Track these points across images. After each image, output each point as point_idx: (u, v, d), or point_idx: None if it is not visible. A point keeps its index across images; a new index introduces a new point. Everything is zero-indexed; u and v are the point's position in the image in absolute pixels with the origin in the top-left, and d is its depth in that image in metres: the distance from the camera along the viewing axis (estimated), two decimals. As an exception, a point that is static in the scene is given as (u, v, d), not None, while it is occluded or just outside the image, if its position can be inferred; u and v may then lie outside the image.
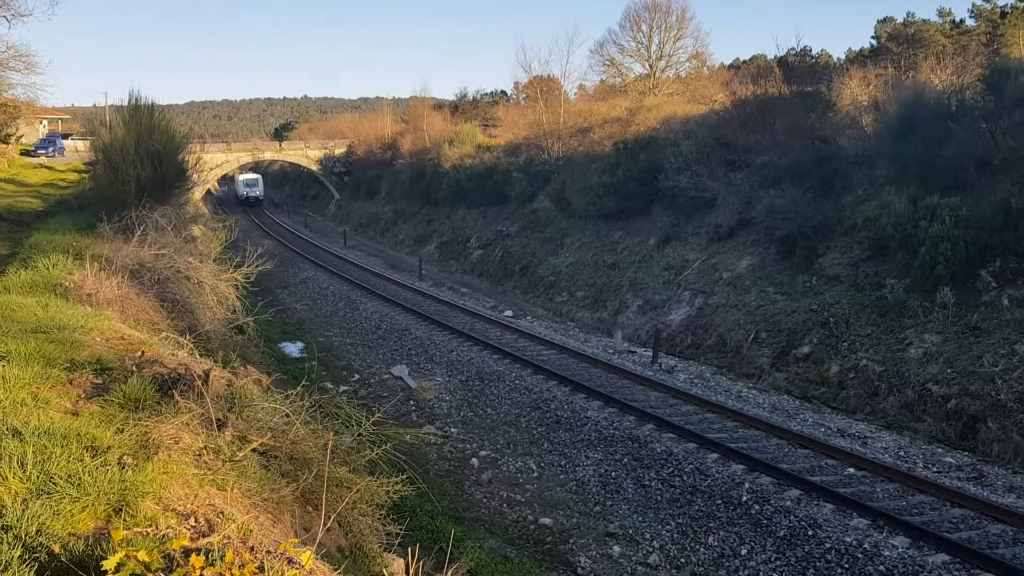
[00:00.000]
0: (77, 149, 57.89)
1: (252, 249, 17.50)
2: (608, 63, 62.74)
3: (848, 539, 11.61)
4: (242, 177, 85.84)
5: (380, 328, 26.73)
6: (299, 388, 7.71)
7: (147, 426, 5.90)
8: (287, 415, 6.98)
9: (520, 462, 15.49)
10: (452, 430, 17.27)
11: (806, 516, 12.34)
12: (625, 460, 15.06)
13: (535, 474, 14.99)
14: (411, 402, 19.16)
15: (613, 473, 14.66)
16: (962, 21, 64.28)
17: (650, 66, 60.46)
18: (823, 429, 16.79)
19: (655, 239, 32.21)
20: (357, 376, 21.53)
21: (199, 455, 5.79)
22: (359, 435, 7.20)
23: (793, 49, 58.84)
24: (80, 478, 5.04)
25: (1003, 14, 60.08)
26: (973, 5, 63.94)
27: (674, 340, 25.67)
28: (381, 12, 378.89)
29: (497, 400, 18.92)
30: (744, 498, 13.13)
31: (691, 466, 14.43)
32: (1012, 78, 24.00)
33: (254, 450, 6.11)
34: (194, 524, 4.86)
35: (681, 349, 25.11)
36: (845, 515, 12.30)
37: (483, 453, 15.96)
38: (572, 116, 48.55)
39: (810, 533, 11.91)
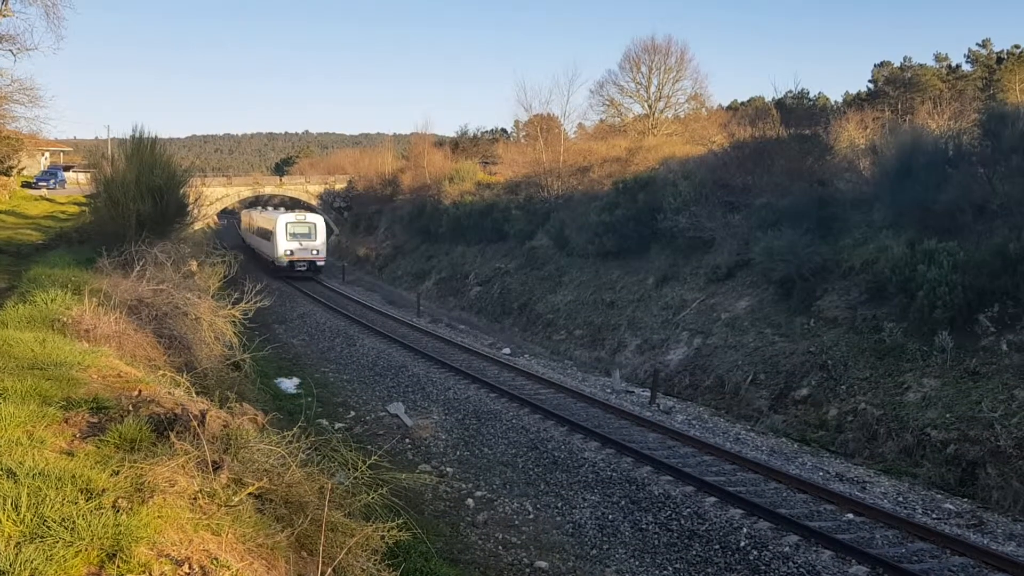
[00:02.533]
0: (78, 182, 58.16)
1: (250, 285, 17.50)
2: (608, 103, 63.39)
3: (847, 587, 11.48)
4: (284, 219, 48.86)
5: (377, 365, 26.65)
6: (295, 428, 7.66)
7: (143, 468, 5.86)
8: (283, 457, 6.93)
9: (516, 503, 15.36)
10: (448, 470, 17.14)
11: (805, 562, 12.22)
12: (622, 503, 14.93)
13: (531, 516, 14.85)
14: (407, 440, 19.03)
15: (610, 516, 14.52)
16: (958, 66, 65.12)
17: (649, 107, 61.05)
18: (821, 473, 16.68)
19: (653, 278, 32.26)
20: (353, 413, 21.41)
21: (194, 499, 5.74)
22: (355, 478, 7.15)
23: (791, 92, 59.44)
24: (74, 522, 4.99)
25: (999, 60, 60.87)
26: (969, 51, 64.84)
27: (672, 380, 25.60)
28: (383, 48, 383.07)
29: (494, 439, 18.80)
30: (743, 543, 13.00)
31: (689, 510, 14.31)
32: (1009, 124, 24.23)
33: (249, 494, 6.06)
34: (188, 571, 4.81)
35: (679, 389, 25.03)
36: (844, 562, 12.18)
37: (479, 494, 15.82)
38: (572, 155, 48.93)
39: (809, 580, 11.78)
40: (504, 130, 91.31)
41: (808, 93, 68.46)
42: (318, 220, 51.78)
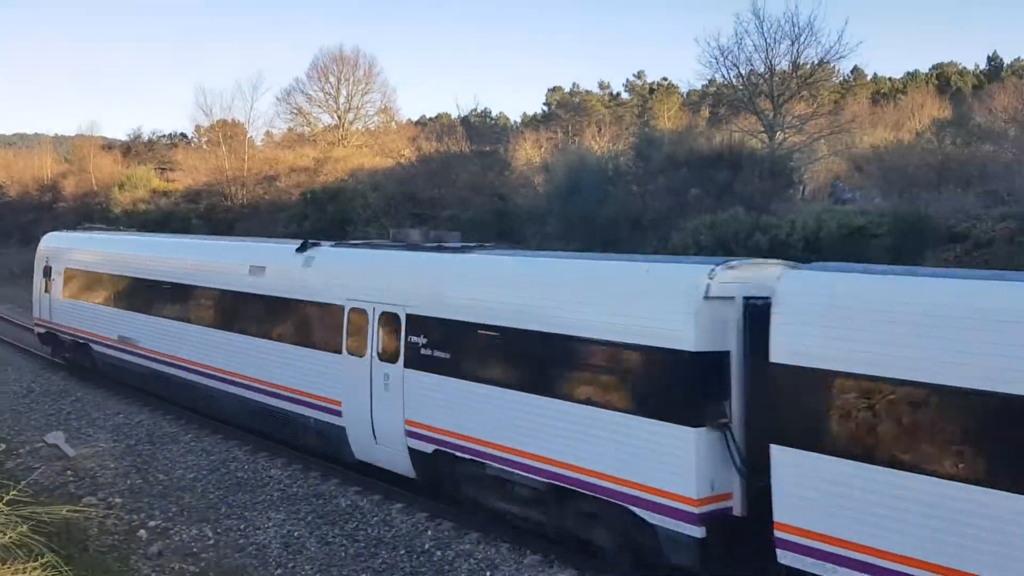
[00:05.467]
0: None
1: None
2: (296, 112, 62.22)
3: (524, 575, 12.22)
4: None
5: (33, 391, 23.95)
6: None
7: None
8: None
9: (195, 530, 14.51)
10: (117, 500, 15.77)
11: (484, 558, 12.79)
12: (309, 518, 14.70)
13: (211, 541, 14.10)
14: (69, 472, 17.27)
15: (296, 533, 14.21)
16: (619, 94, 72.17)
17: (339, 117, 60.84)
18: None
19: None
20: (4, 446, 19.00)
21: None
22: (-10, 517, 6.34)
23: (475, 110, 62.42)
24: None
25: (651, 90, 68.36)
26: (627, 80, 72.12)
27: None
28: (44, 38, 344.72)
29: (170, 465, 17.66)
30: (427, 545, 13.34)
31: (377, 518, 14.42)
32: (657, 148, 27.34)
33: None
34: None
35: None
36: (520, 553, 12.92)
37: (152, 523, 14.73)
38: (258, 163, 47.55)
39: (489, 573, 12.36)
40: (184, 135, 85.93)
41: (490, 112, 72.37)
42: None
